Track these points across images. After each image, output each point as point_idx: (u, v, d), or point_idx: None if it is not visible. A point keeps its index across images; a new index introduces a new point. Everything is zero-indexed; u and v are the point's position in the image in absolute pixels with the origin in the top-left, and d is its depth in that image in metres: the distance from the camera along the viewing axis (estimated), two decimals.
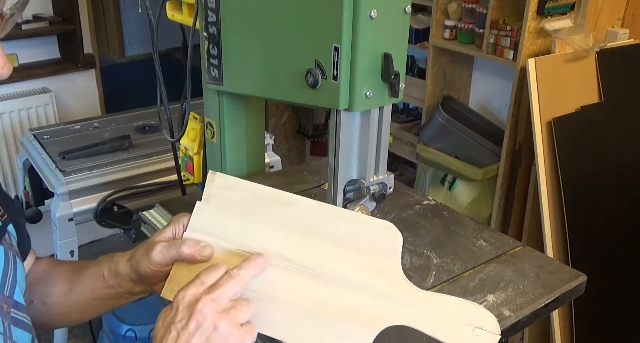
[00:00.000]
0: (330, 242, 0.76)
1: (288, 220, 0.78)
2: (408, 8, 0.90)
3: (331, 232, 0.77)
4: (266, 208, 0.79)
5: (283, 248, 0.76)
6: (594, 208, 2.16)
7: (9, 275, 0.73)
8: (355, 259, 0.75)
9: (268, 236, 0.77)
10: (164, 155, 1.86)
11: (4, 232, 0.75)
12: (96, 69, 3.10)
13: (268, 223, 0.78)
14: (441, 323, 0.73)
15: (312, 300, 0.73)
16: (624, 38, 2.33)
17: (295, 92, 0.96)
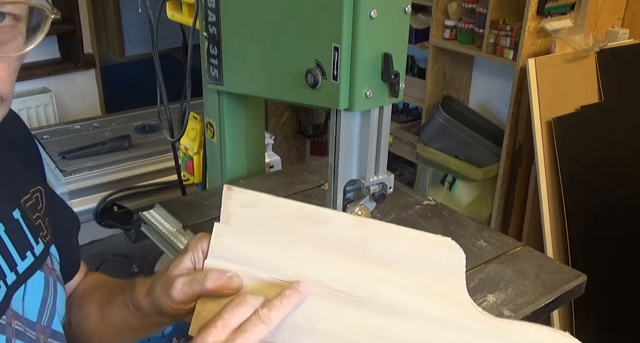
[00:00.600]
0: (377, 263, 0.63)
1: (323, 240, 0.64)
2: (408, 8, 0.90)
3: (377, 251, 0.63)
4: (296, 226, 0.65)
5: (320, 272, 0.63)
6: (594, 208, 2.16)
7: (48, 303, 0.69)
8: (408, 282, 0.62)
9: (302, 259, 0.64)
10: (164, 155, 1.85)
11: (45, 256, 0.70)
12: (96, 69, 3.10)
13: (300, 244, 0.65)
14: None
15: (361, 331, 0.61)
16: (624, 38, 2.33)
17: (295, 92, 0.96)
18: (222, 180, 1.34)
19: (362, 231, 0.64)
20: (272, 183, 1.31)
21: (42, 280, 0.68)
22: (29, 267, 0.66)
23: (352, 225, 0.65)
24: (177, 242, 1.11)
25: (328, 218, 0.65)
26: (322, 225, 0.65)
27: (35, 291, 0.67)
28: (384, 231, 0.64)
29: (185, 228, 1.13)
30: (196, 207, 1.20)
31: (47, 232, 0.72)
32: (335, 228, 0.65)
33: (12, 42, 0.56)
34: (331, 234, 0.65)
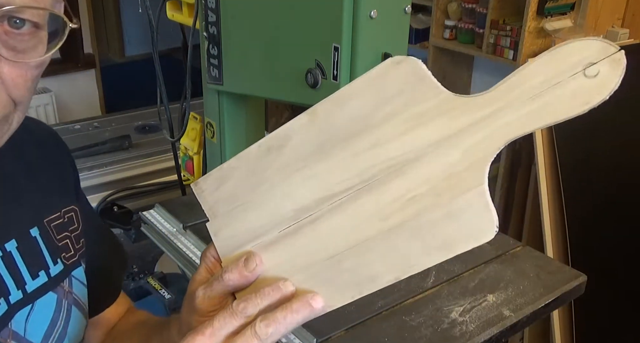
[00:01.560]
0: (353, 136, 0.54)
1: (297, 158, 0.57)
2: (408, 8, 0.90)
3: (344, 125, 0.55)
4: (267, 166, 0.58)
5: (317, 189, 0.55)
6: (594, 208, 2.16)
7: (57, 326, 0.65)
8: (391, 129, 0.52)
9: (293, 193, 0.56)
10: (164, 155, 1.85)
11: (62, 278, 0.67)
12: (96, 69, 3.10)
13: (282, 179, 0.57)
14: (540, 102, 0.47)
15: (388, 211, 0.52)
16: (624, 38, 2.33)
17: (295, 92, 0.96)
18: None
19: (319, 120, 0.57)
20: None
21: (53, 302, 0.65)
22: (40, 287, 0.64)
23: (308, 121, 0.57)
24: (177, 242, 1.11)
25: (285, 135, 0.57)
26: (286, 147, 0.57)
27: (44, 313, 0.64)
28: (336, 100, 0.57)
29: (185, 229, 1.13)
30: (196, 207, 1.20)
31: (75, 253, 0.69)
32: (298, 137, 0.57)
33: (32, 50, 0.56)
34: (299, 146, 0.57)
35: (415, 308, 0.91)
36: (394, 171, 0.52)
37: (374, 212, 0.53)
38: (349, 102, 0.55)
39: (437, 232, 0.51)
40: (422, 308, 0.91)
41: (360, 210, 0.53)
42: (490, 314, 0.90)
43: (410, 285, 0.97)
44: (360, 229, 0.53)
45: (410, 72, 0.52)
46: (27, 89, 0.58)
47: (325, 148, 0.55)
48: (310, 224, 0.55)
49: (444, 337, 0.85)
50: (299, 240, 0.56)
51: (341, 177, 0.54)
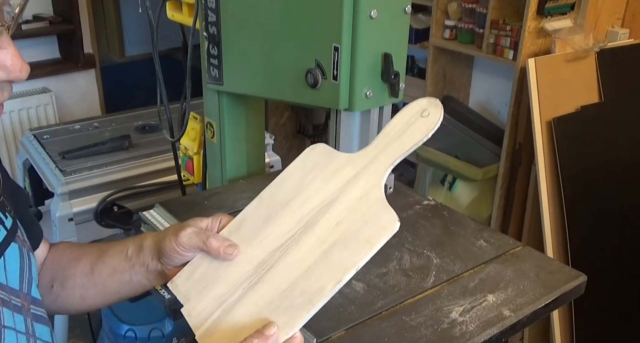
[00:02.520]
0: (287, 204, 0.76)
1: (251, 233, 0.76)
2: (408, 8, 0.90)
3: (281, 198, 0.77)
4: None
5: (265, 248, 0.73)
6: (594, 208, 2.16)
7: (25, 272, 0.73)
8: (312, 188, 0.75)
9: (248, 258, 0.74)
10: (164, 155, 1.86)
11: (15, 229, 0.73)
12: (96, 69, 3.10)
13: (241, 251, 0.75)
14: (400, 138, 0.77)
15: (323, 239, 0.70)
16: (624, 38, 2.33)
17: (295, 92, 0.96)
18: (222, 180, 1.34)
19: (265, 200, 0.79)
20: None
21: (17, 250, 0.72)
22: (4, 240, 0.70)
23: (257, 204, 0.79)
24: None
25: (241, 219, 0.78)
26: (242, 226, 0.77)
27: (13, 261, 0.71)
28: (275, 184, 0.80)
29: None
30: (196, 207, 1.20)
31: (10, 207, 0.75)
32: (251, 217, 0.78)
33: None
34: (253, 222, 0.77)
35: (415, 308, 0.91)
36: (321, 212, 0.72)
37: (313, 243, 0.70)
38: (285, 182, 0.78)
39: (360, 237, 0.68)
40: (422, 308, 0.91)
41: (303, 246, 0.70)
42: (490, 314, 0.90)
43: (410, 285, 0.97)
44: (305, 259, 0.69)
45: (321, 151, 0.77)
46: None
47: (272, 216, 0.75)
48: (267, 273, 0.71)
49: (444, 337, 0.85)
50: (261, 288, 0.70)
51: (285, 229, 0.73)
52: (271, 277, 0.70)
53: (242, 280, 0.71)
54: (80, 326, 2.43)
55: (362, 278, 0.98)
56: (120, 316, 1.92)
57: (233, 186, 1.30)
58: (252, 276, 0.71)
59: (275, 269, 0.70)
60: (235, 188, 1.28)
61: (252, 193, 1.26)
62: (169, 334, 1.76)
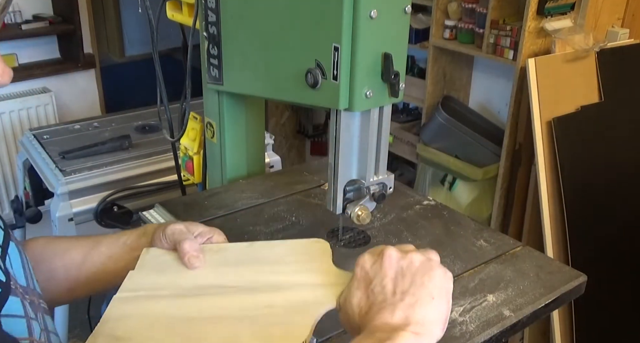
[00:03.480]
0: (263, 264, 0.80)
1: (221, 261, 0.81)
2: (408, 8, 0.90)
3: (263, 257, 0.81)
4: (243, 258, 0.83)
5: (217, 279, 0.78)
6: (594, 208, 2.16)
7: (26, 268, 0.73)
8: (287, 268, 0.79)
9: (201, 275, 0.79)
10: (164, 155, 1.85)
11: (7, 228, 0.74)
12: (96, 69, 3.10)
13: (202, 268, 0.81)
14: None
15: (251, 307, 0.74)
16: (624, 38, 2.33)
17: (295, 92, 0.96)
18: (222, 180, 1.34)
19: (251, 249, 0.83)
20: (272, 183, 1.31)
21: (15, 248, 0.73)
22: (4, 239, 0.71)
23: (243, 248, 0.83)
24: None
25: (223, 247, 0.84)
26: (218, 253, 0.83)
27: (16, 259, 0.72)
28: (269, 244, 0.84)
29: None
30: (196, 207, 1.21)
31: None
32: (229, 252, 0.83)
33: None
34: (227, 257, 0.82)
35: None
36: (275, 288, 0.76)
37: (246, 304, 0.74)
38: (276, 248, 0.83)
39: (274, 331, 0.71)
40: None
41: (234, 299, 0.75)
42: (490, 314, 0.90)
43: None
44: (227, 310, 0.73)
45: (320, 247, 0.82)
46: None
47: (244, 263, 0.81)
48: (196, 297, 0.76)
49: (444, 337, 0.85)
50: (183, 305, 0.75)
51: (238, 279, 0.78)
52: (195, 302, 0.75)
53: (182, 287, 0.78)
54: (80, 326, 2.43)
55: None
56: None
57: (233, 186, 1.30)
58: (185, 290, 0.77)
59: (203, 299, 0.76)
60: (235, 188, 1.28)
61: (252, 193, 1.26)
62: None
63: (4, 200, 2.94)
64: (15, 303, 0.64)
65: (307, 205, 1.22)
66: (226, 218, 1.17)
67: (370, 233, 1.12)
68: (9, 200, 2.72)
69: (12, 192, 2.89)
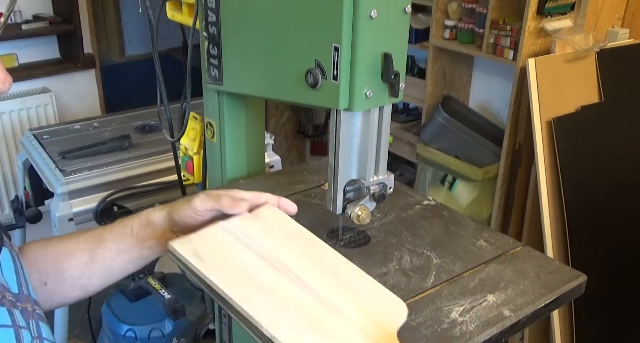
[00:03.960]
0: (343, 286, 0.79)
1: (316, 258, 0.83)
2: (408, 8, 0.90)
3: (347, 280, 0.81)
4: (301, 241, 0.85)
5: (299, 270, 0.79)
6: (594, 208, 2.16)
7: (20, 274, 0.73)
8: (354, 303, 0.77)
9: (291, 257, 0.81)
10: (164, 155, 1.86)
11: (1, 234, 0.73)
12: (96, 69, 3.10)
13: (299, 252, 0.83)
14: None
15: (307, 312, 0.74)
16: (624, 38, 2.33)
17: (295, 92, 0.96)
18: (222, 180, 1.34)
19: (347, 267, 0.83)
20: (272, 183, 1.31)
21: (8, 254, 0.72)
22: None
23: (340, 261, 0.83)
24: None
25: (324, 248, 0.84)
26: (319, 250, 0.84)
27: (8, 265, 0.71)
28: (361, 273, 0.82)
29: None
30: None
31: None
32: (328, 256, 0.83)
33: None
34: (324, 258, 0.83)
35: (415, 308, 0.91)
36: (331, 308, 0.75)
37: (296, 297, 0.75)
38: (363, 280, 0.82)
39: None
40: (422, 308, 0.91)
41: (300, 296, 0.75)
42: (490, 314, 0.90)
43: (410, 285, 0.97)
44: (290, 300, 0.75)
45: (398, 310, 0.79)
46: None
47: (332, 273, 0.81)
48: (274, 270, 0.78)
49: (444, 337, 0.85)
50: (261, 263, 0.79)
51: (317, 283, 0.78)
52: (273, 275, 0.77)
53: (268, 253, 0.80)
54: (80, 326, 2.43)
55: None
56: (120, 316, 1.92)
57: (233, 186, 1.30)
58: (273, 261, 0.79)
59: (280, 278, 0.77)
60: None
61: None
62: (169, 334, 1.76)
63: (4, 200, 2.94)
64: (1, 313, 0.64)
65: (307, 205, 1.22)
66: None
67: (370, 233, 1.12)
68: (9, 200, 2.72)
69: (12, 192, 2.88)
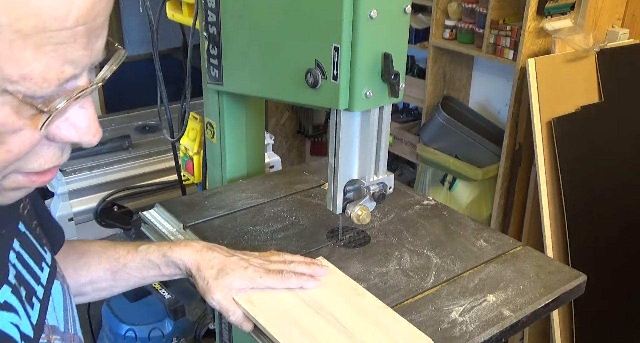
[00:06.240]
0: (377, 327, 0.84)
1: (355, 303, 0.88)
2: (408, 8, 0.90)
3: (382, 322, 0.85)
4: (345, 289, 0.92)
5: (338, 314, 0.86)
6: (594, 208, 2.16)
7: (69, 310, 0.70)
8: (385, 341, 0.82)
9: (332, 302, 0.88)
10: (164, 155, 1.86)
11: (55, 263, 0.70)
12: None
13: (342, 298, 0.89)
14: None
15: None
16: (624, 38, 2.33)
17: (295, 92, 0.96)
18: (222, 180, 1.34)
19: (383, 310, 0.87)
20: (272, 183, 1.31)
21: (59, 288, 0.69)
22: (49, 278, 0.66)
23: (378, 305, 0.88)
24: None
25: (364, 293, 0.91)
26: (360, 297, 0.90)
27: (59, 301, 0.67)
28: (394, 315, 0.87)
29: (185, 228, 1.13)
30: (196, 207, 1.20)
31: (46, 240, 0.71)
32: (367, 301, 0.89)
33: None
34: (362, 304, 0.89)
35: (415, 308, 0.91)
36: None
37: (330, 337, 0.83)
38: (393, 320, 0.86)
39: None
40: (422, 308, 0.91)
41: (329, 331, 0.83)
42: (490, 314, 0.90)
43: (410, 285, 0.97)
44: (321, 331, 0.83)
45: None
46: None
47: (367, 315, 0.87)
48: (315, 312, 0.86)
49: (444, 337, 0.85)
50: (305, 306, 0.87)
51: (353, 325, 0.84)
52: (314, 317, 0.86)
53: (311, 298, 0.89)
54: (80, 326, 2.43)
55: (362, 278, 0.98)
56: (120, 316, 1.92)
57: (233, 186, 1.30)
58: (315, 304, 0.88)
59: (320, 320, 0.85)
60: (235, 188, 1.28)
61: (252, 193, 1.26)
62: (169, 334, 1.76)
63: None
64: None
65: (307, 205, 1.22)
66: (226, 218, 1.17)
67: (370, 233, 1.12)
68: None
69: None
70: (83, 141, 0.53)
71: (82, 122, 0.52)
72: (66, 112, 0.50)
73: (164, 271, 0.89)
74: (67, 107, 0.49)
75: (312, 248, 1.07)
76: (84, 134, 0.52)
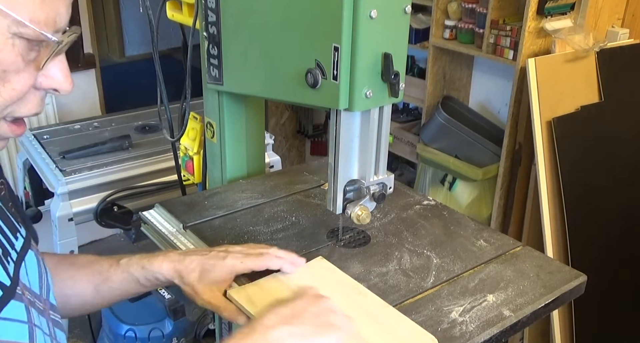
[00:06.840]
0: (380, 326, 0.84)
1: (357, 301, 0.89)
2: (408, 8, 0.90)
3: (384, 321, 0.85)
4: (346, 288, 0.92)
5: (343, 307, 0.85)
6: (594, 208, 2.16)
7: (43, 278, 0.74)
8: (388, 340, 0.82)
9: (337, 302, 0.86)
10: (164, 155, 1.86)
11: (29, 238, 0.75)
12: (96, 69, 3.10)
13: (342, 296, 0.89)
14: None
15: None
16: (624, 38, 2.33)
17: (295, 92, 0.96)
18: (222, 180, 1.34)
19: (385, 309, 0.87)
20: (272, 183, 1.31)
21: (34, 257, 0.74)
22: (23, 247, 0.71)
23: (380, 304, 0.88)
24: (177, 242, 1.11)
25: (367, 293, 0.91)
26: (363, 296, 0.90)
27: (32, 267, 0.73)
28: (398, 314, 0.87)
29: (185, 228, 1.13)
30: (196, 207, 1.20)
31: (20, 217, 0.76)
32: (369, 300, 0.89)
33: None
34: (364, 302, 0.89)
35: (415, 308, 0.91)
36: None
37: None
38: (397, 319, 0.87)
39: None
40: (422, 308, 0.91)
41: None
42: (490, 314, 0.90)
43: (410, 285, 0.97)
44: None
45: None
46: None
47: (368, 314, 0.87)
48: None
49: (444, 337, 0.85)
50: None
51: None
52: None
53: None
54: (80, 326, 2.44)
55: (362, 278, 0.98)
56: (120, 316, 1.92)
57: (233, 186, 1.30)
58: None
59: None
60: (235, 188, 1.28)
61: (252, 193, 1.26)
62: (169, 334, 1.77)
63: None
64: (18, 308, 0.65)
65: (307, 205, 1.22)
66: (226, 218, 1.17)
67: (370, 233, 1.12)
68: None
69: None
70: (62, 88, 0.67)
71: (62, 72, 0.65)
72: (56, 57, 0.62)
73: (145, 283, 0.90)
74: (58, 54, 0.61)
75: (312, 248, 1.07)
76: (62, 82, 0.66)
